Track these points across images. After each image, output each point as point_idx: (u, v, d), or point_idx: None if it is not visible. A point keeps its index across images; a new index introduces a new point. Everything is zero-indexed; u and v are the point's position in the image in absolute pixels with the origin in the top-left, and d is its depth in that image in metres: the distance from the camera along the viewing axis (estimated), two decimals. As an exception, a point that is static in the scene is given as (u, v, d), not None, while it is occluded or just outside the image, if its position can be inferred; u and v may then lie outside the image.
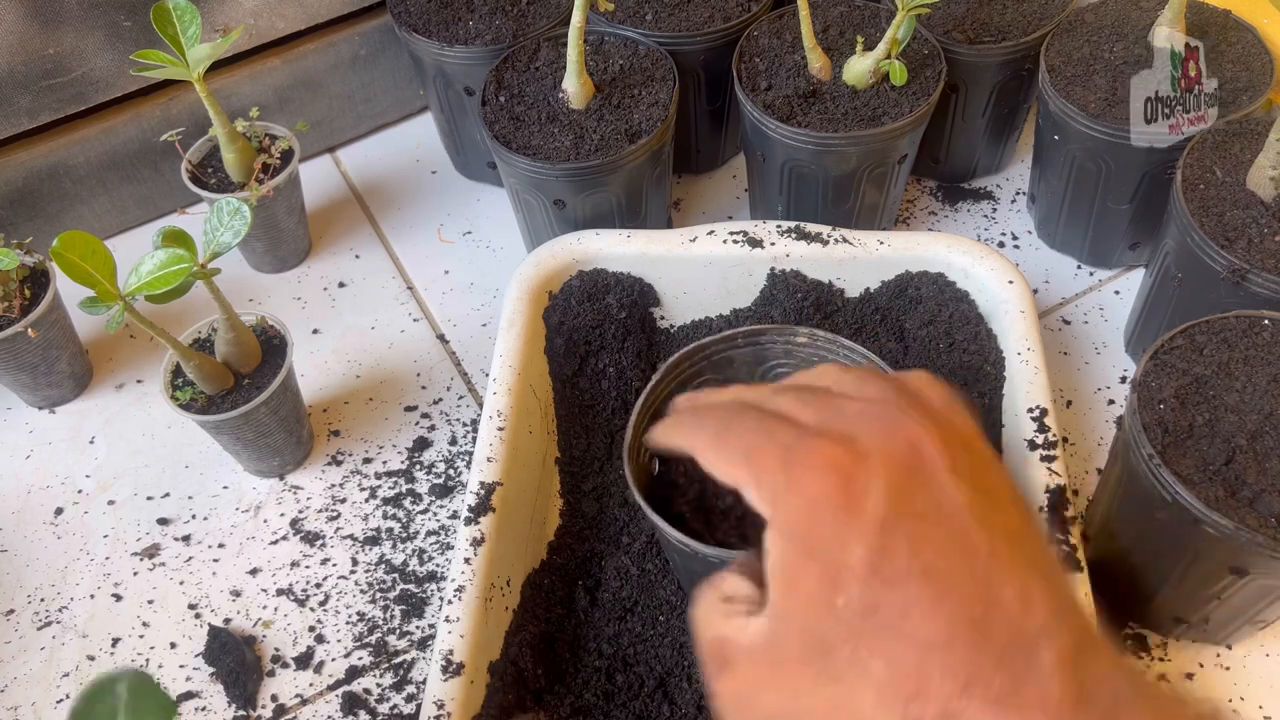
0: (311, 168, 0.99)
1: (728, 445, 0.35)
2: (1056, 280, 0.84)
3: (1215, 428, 0.55)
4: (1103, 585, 0.61)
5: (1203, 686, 0.62)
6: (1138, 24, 0.78)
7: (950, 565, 0.30)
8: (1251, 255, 0.63)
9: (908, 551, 0.30)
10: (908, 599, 0.30)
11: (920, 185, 0.92)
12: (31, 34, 0.79)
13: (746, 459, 0.34)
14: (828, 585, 0.31)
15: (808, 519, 0.31)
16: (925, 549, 0.31)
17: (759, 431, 0.34)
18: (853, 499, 0.31)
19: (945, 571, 0.30)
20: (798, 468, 0.32)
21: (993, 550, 0.31)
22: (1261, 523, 0.52)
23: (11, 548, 0.74)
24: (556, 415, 0.71)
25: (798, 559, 0.31)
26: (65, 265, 0.55)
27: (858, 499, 0.31)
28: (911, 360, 0.71)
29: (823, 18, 0.83)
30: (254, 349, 0.70)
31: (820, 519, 0.31)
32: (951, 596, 0.30)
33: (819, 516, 0.31)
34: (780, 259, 0.72)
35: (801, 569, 0.31)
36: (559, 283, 0.73)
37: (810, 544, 0.31)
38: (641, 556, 0.66)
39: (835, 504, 0.31)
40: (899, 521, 0.31)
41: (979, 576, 0.30)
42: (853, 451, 0.32)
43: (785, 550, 0.32)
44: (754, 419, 0.35)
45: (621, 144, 0.75)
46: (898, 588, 0.30)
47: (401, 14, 0.86)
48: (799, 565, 0.31)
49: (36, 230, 0.88)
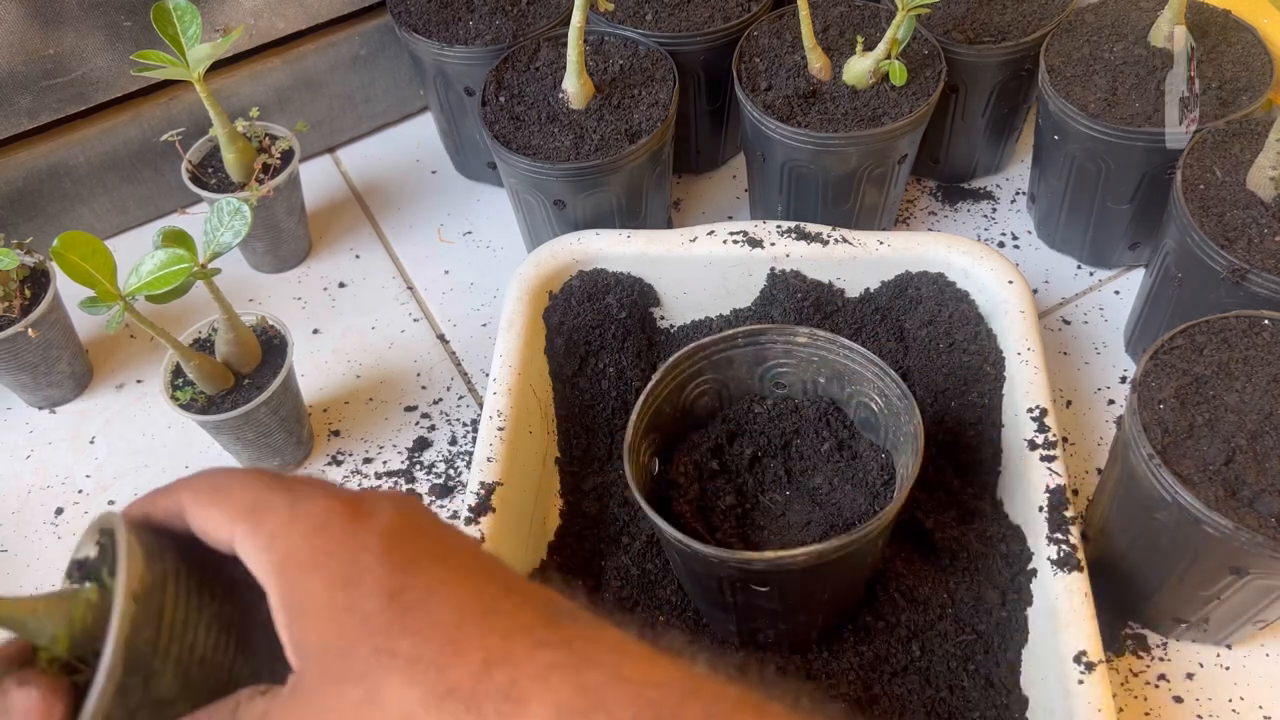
0: (311, 168, 0.99)
1: (228, 499, 0.32)
2: (1056, 280, 0.84)
3: (1215, 428, 0.55)
4: (1103, 585, 0.62)
5: (1203, 686, 0.62)
6: (1138, 24, 0.78)
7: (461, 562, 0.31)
8: (1251, 255, 0.63)
9: (418, 549, 0.31)
10: (430, 579, 0.30)
11: (920, 185, 0.92)
12: (31, 34, 0.79)
13: (249, 508, 0.32)
14: (341, 586, 0.30)
15: (314, 538, 0.31)
16: (436, 548, 0.31)
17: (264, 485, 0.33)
18: (361, 512, 0.31)
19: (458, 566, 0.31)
20: (303, 503, 0.32)
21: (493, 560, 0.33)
22: (1261, 523, 0.52)
23: (11, 548, 0.74)
24: (556, 415, 0.71)
25: (304, 575, 0.30)
26: (65, 265, 0.55)
27: (366, 513, 0.31)
28: (911, 360, 0.71)
29: (823, 18, 0.83)
30: (254, 349, 0.70)
31: (328, 533, 0.31)
32: (478, 576, 0.31)
33: (327, 532, 0.31)
34: (780, 259, 0.72)
35: (310, 583, 0.30)
36: (559, 283, 0.73)
37: (319, 557, 0.30)
38: (641, 556, 0.66)
39: (343, 517, 0.31)
40: (406, 530, 0.31)
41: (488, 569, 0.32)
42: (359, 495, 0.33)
43: (289, 577, 0.31)
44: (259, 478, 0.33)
45: (621, 144, 0.75)
46: (418, 573, 0.30)
47: (401, 14, 0.86)
48: (307, 582, 0.30)
49: (36, 230, 0.88)
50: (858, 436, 0.65)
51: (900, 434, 0.60)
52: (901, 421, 0.60)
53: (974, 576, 0.63)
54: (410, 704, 0.28)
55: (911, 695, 0.60)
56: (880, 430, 0.63)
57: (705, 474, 0.63)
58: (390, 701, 0.28)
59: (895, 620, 0.62)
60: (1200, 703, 0.62)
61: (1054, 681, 0.54)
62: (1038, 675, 0.57)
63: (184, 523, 0.34)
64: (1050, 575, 0.57)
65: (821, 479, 0.64)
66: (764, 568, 0.53)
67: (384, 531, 0.31)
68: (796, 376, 0.65)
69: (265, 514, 0.32)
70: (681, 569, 0.61)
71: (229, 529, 0.32)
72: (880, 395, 0.62)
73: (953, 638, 0.61)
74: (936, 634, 0.61)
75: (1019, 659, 0.59)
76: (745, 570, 0.54)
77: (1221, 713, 0.61)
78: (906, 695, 0.60)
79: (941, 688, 0.60)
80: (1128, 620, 0.65)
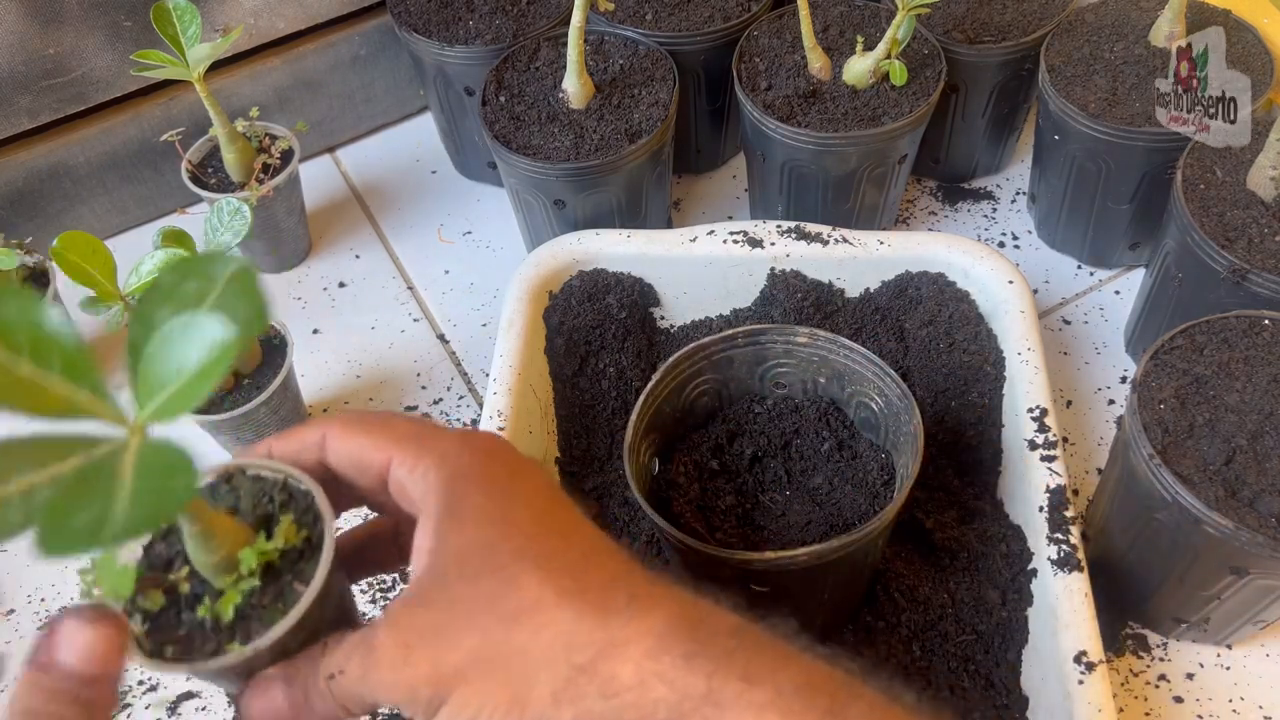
0: (311, 168, 0.99)
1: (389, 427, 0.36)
2: (1056, 280, 0.84)
3: (1215, 428, 0.55)
4: (1103, 585, 0.61)
5: (1203, 686, 0.62)
6: (1138, 24, 0.78)
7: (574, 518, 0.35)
8: (1251, 255, 0.63)
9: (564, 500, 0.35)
10: (571, 517, 0.34)
11: (920, 185, 0.92)
12: (31, 34, 0.79)
13: (414, 433, 0.35)
14: (500, 499, 0.33)
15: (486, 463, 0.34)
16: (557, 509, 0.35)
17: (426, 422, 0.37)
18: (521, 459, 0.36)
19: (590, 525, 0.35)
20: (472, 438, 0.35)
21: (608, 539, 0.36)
22: (1261, 523, 0.52)
23: (11, 547, 0.74)
24: (556, 415, 0.71)
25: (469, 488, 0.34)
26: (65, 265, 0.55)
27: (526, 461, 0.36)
28: (912, 360, 0.71)
29: (823, 18, 0.83)
30: (254, 349, 0.70)
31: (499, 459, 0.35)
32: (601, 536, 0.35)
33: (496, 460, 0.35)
34: (780, 259, 0.72)
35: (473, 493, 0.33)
36: (559, 283, 0.73)
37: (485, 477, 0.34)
38: (641, 556, 0.66)
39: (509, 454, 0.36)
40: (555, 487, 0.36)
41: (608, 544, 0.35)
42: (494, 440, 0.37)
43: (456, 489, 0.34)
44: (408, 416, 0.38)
45: (621, 144, 0.75)
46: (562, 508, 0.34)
47: (401, 14, 0.86)
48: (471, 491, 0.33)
49: (36, 230, 0.88)
50: (858, 436, 0.65)
51: (900, 434, 0.60)
52: (901, 421, 0.60)
53: (974, 576, 0.63)
54: (543, 595, 0.31)
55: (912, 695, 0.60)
56: (880, 430, 0.63)
57: (705, 474, 0.63)
58: (524, 588, 0.31)
59: (896, 620, 0.62)
60: (1200, 703, 0.62)
61: (1054, 681, 0.54)
62: (1038, 675, 0.57)
63: (316, 455, 0.36)
64: (1050, 575, 0.57)
65: (821, 479, 0.64)
66: (764, 568, 0.53)
67: (541, 478, 0.35)
68: (796, 376, 0.65)
69: (435, 439, 0.35)
70: (681, 569, 0.61)
71: (388, 451, 0.35)
72: (880, 395, 0.62)
73: (953, 638, 0.61)
74: (937, 634, 0.61)
75: (1019, 659, 0.59)
76: (745, 570, 0.54)
77: (1221, 713, 0.61)
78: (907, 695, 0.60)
79: (942, 688, 0.60)
80: (1128, 620, 0.65)
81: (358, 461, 0.36)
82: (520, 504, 0.33)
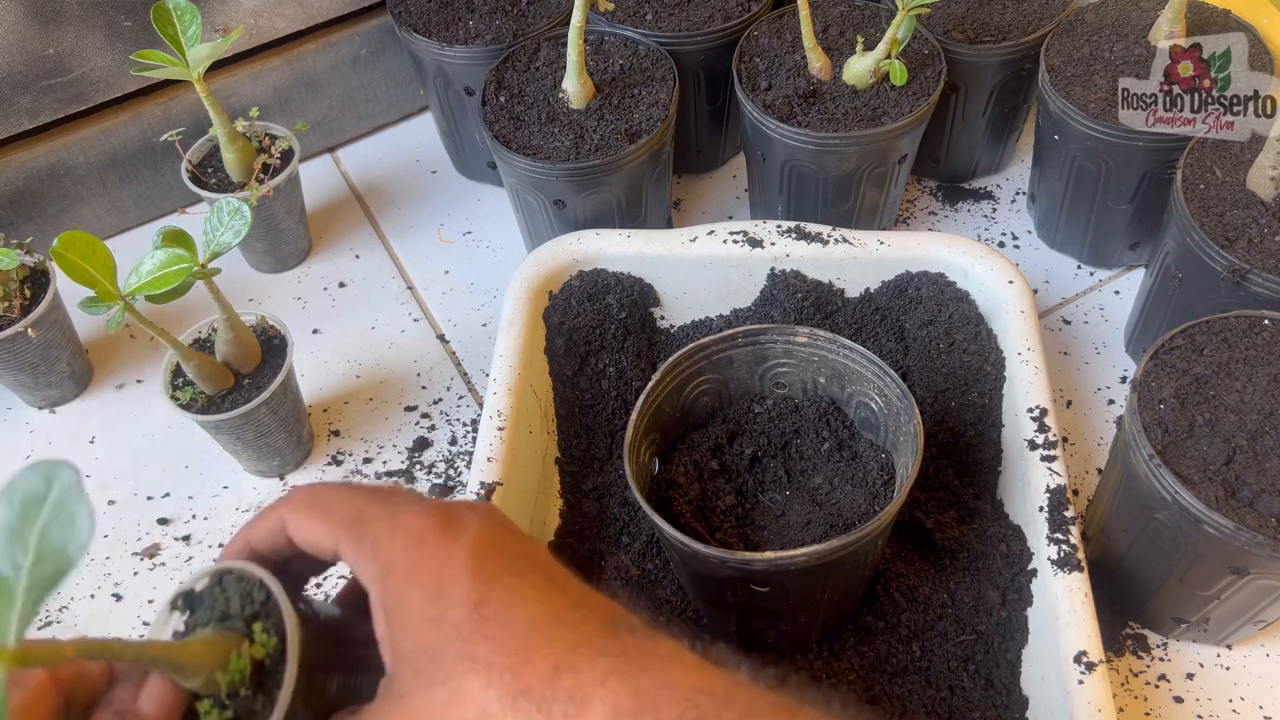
0: (311, 168, 0.99)
1: (331, 512, 0.36)
2: (1056, 280, 0.84)
3: (1215, 428, 0.55)
4: (1103, 585, 0.62)
5: (1203, 686, 0.62)
6: (1138, 24, 0.78)
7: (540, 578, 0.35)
8: (1251, 255, 0.63)
9: (501, 565, 0.35)
10: (509, 592, 0.34)
11: (920, 185, 0.92)
12: (31, 34, 0.79)
13: (352, 520, 0.36)
14: (432, 597, 0.33)
15: (412, 552, 0.34)
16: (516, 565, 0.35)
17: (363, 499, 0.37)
18: (452, 527, 0.35)
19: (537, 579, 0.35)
20: (403, 517, 0.35)
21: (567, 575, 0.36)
22: (1261, 523, 0.52)
23: (11, 548, 0.74)
24: (556, 415, 0.71)
25: (401, 586, 0.34)
26: (65, 265, 0.55)
27: (457, 528, 0.35)
28: (912, 360, 0.71)
29: (823, 18, 0.83)
30: (254, 349, 0.70)
31: (423, 548, 0.34)
32: (550, 590, 0.35)
33: (423, 547, 0.34)
34: (780, 259, 0.72)
35: (407, 592, 0.34)
36: (559, 283, 0.73)
37: (415, 569, 0.34)
38: (641, 556, 0.66)
39: (437, 531, 0.35)
40: (491, 548, 0.35)
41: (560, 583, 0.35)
42: (449, 508, 0.36)
43: (389, 584, 0.34)
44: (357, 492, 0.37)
45: (621, 144, 0.75)
46: (499, 586, 0.34)
47: (401, 14, 0.86)
48: (403, 591, 0.34)
49: (36, 230, 0.88)
50: (858, 436, 0.65)
51: (900, 434, 0.60)
52: (901, 421, 0.60)
53: (974, 576, 0.63)
54: (488, 703, 0.32)
55: (912, 695, 0.60)
56: (880, 430, 0.63)
57: (705, 474, 0.63)
58: (470, 700, 0.32)
59: (896, 620, 0.62)
60: (1200, 703, 0.62)
61: (1054, 681, 0.54)
62: (1038, 675, 0.57)
63: (284, 539, 0.37)
64: (1050, 575, 0.57)
65: (821, 479, 0.64)
66: (764, 568, 0.53)
67: (471, 545, 0.35)
68: (796, 376, 0.65)
69: (367, 526, 0.35)
70: (681, 569, 0.61)
71: (333, 539, 0.36)
72: (880, 395, 0.62)
73: (953, 638, 0.61)
74: (937, 634, 0.61)
75: (1019, 659, 0.59)
76: (745, 570, 0.54)
77: (1221, 713, 0.61)
78: (907, 695, 0.60)
79: (942, 688, 0.60)
80: (1128, 620, 0.65)
81: (313, 546, 0.37)
82: (454, 598, 0.33)
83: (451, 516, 0.36)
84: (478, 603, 0.33)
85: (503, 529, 0.37)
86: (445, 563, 0.34)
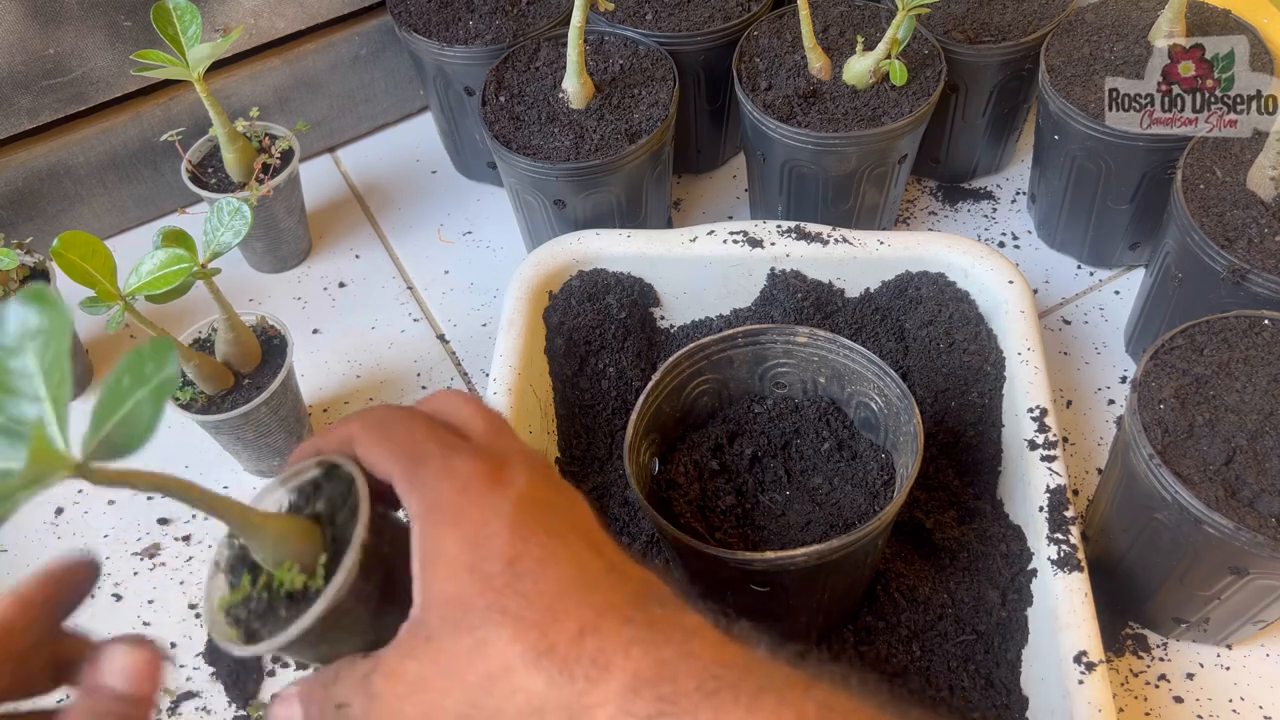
0: (311, 168, 0.99)
1: (393, 440, 0.37)
2: (1056, 280, 0.84)
3: (1215, 428, 0.55)
4: (1103, 585, 0.62)
5: (1203, 686, 0.62)
6: (1138, 24, 0.78)
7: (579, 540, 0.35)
8: (1251, 255, 0.63)
9: (543, 524, 0.35)
10: (546, 551, 0.34)
11: (920, 185, 0.92)
12: (31, 34, 0.79)
13: (409, 453, 0.36)
14: (470, 545, 0.34)
15: (459, 496, 0.35)
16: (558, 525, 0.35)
17: (424, 433, 0.37)
18: (501, 479, 0.35)
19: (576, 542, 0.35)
20: (456, 460, 0.36)
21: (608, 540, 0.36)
22: (1261, 523, 0.52)
23: (12, 548, 0.74)
24: (556, 415, 0.71)
25: (443, 529, 0.34)
26: (65, 265, 0.55)
27: (504, 480, 0.35)
28: (912, 360, 0.71)
29: (823, 18, 0.83)
30: (254, 349, 0.70)
31: (469, 493, 0.35)
32: (585, 553, 0.35)
33: (469, 492, 0.35)
34: (780, 259, 0.72)
35: (446, 537, 0.34)
36: (559, 283, 0.73)
37: (458, 515, 0.34)
38: (641, 556, 0.66)
39: (485, 481, 0.35)
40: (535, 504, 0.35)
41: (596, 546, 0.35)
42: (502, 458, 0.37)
43: (431, 524, 0.35)
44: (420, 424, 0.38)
45: (621, 144, 0.75)
46: (535, 542, 0.34)
47: (401, 14, 0.86)
48: (443, 535, 0.34)
49: (36, 230, 0.88)
50: (858, 436, 0.65)
51: (900, 434, 0.60)
52: (901, 421, 0.60)
53: (974, 576, 0.63)
54: (512, 657, 0.32)
55: (912, 695, 0.60)
56: (880, 430, 0.63)
57: (705, 474, 0.63)
58: (495, 653, 0.32)
59: (895, 620, 0.62)
60: (1200, 703, 0.62)
61: (1054, 681, 0.54)
62: (1038, 675, 0.57)
63: (351, 455, 0.38)
64: (1050, 575, 0.57)
65: (821, 479, 0.64)
66: (764, 568, 0.53)
67: (516, 499, 0.35)
68: (796, 376, 0.65)
69: (422, 462, 0.36)
70: (681, 569, 0.61)
71: (388, 467, 0.36)
72: (880, 395, 0.62)
73: (953, 638, 0.61)
74: (937, 634, 0.61)
75: (1019, 659, 0.59)
76: (745, 570, 0.54)
77: (1221, 713, 0.61)
78: (907, 695, 0.60)
79: (942, 688, 0.60)
80: (1128, 620, 0.65)
81: (373, 468, 0.37)
82: (491, 550, 0.33)
83: (502, 467, 0.36)
84: (513, 558, 0.33)
85: (550, 485, 0.37)
86: (488, 512, 0.34)
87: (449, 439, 0.37)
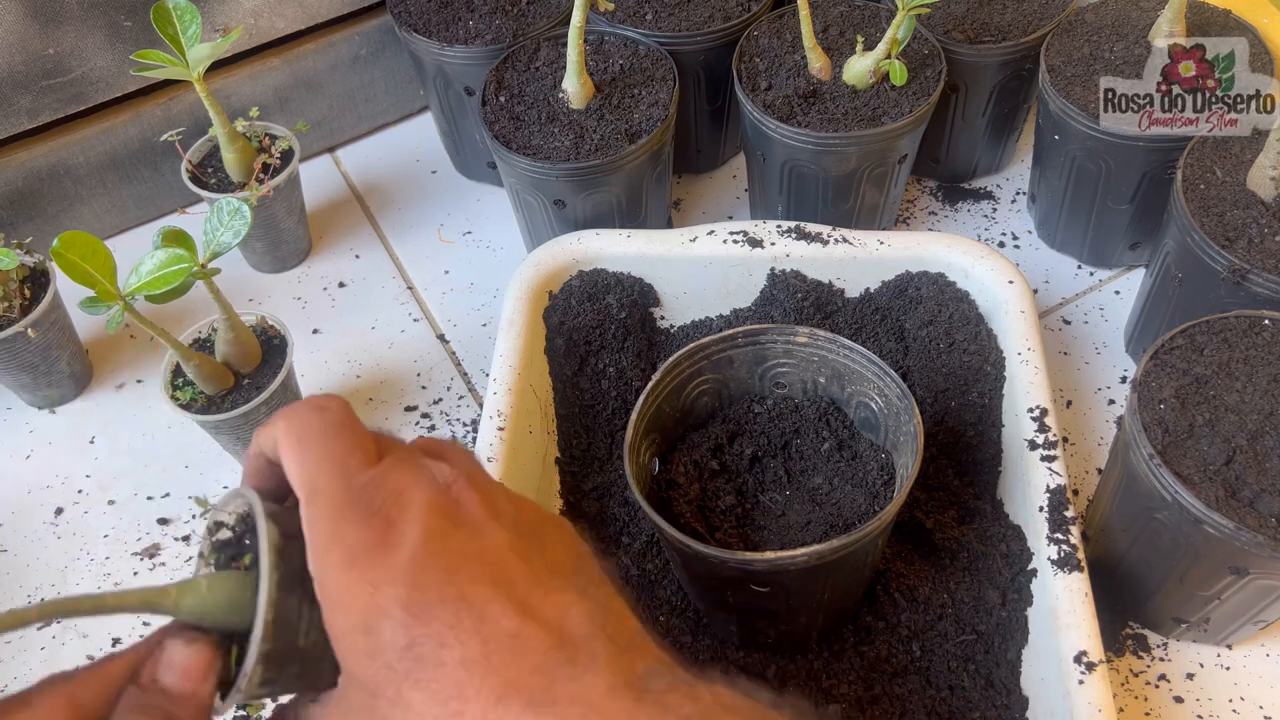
0: (311, 168, 0.99)
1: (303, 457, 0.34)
2: (1056, 280, 0.84)
3: (1215, 428, 0.55)
4: (1103, 585, 0.62)
5: (1203, 686, 0.62)
6: (1138, 24, 0.78)
7: (486, 592, 0.32)
8: (1251, 255, 0.63)
9: (441, 583, 0.32)
10: (444, 626, 0.31)
11: (920, 185, 0.92)
12: (31, 34, 0.79)
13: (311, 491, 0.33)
14: (364, 632, 0.31)
15: (345, 573, 0.32)
16: (459, 579, 0.32)
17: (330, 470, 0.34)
18: (387, 541, 0.32)
19: (481, 597, 0.32)
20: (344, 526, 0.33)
21: (531, 576, 0.33)
22: (1261, 523, 0.52)
23: (11, 548, 0.74)
24: (556, 415, 0.71)
25: (336, 613, 0.32)
26: (65, 265, 0.55)
27: (392, 541, 0.32)
28: (912, 360, 0.71)
29: (823, 18, 0.83)
30: (254, 349, 0.70)
31: (355, 568, 0.32)
32: (487, 619, 0.32)
33: (354, 567, 0.32)
34: (780, 259, 0.72)
35: (340, 620, 0.32)
36: (559, 283, 0.73)
37: (344, 597, 0.32)
38: (641, 556, 0.66)
39: (370, 549, 0.32)
40: (433, 559, 0.32)
41: (516, 598, 0.32)
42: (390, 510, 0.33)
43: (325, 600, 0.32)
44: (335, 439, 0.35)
45: (621, 144, 0.75)
46: (433, 619, 0.31)
47: (401, 14, 0.86)
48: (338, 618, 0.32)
49: (36, 230, 0.88)
50: (858, 436, 0.65)
51: (900, 434, 0.60)
52: (901, 421, 0.60)
53: (974, 576, 0.63)
54: None
55: (912, 695, 0.60)
56: (880, 430, 0.63)
57: (705, 474, 0.63)
58: None
59: (896, 620, 0.62)
60: (1200, 703, 0.62)
61: (1054, 681, 0.54)
62: (1038, 675, 0.57)
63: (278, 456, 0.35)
64: (1050, 575, 0.57)
65: (821, 479, 0.64)
66: (764, 568, 0.53)
67: (408, 566, 0.32)
68: (796, 376, 0.65)
69: (319, 509, 0.33)
70: (681, 569, 0.61)
71: (295, 488, 0.34)
72: (880, 395, 0.62)
73: (953, 638, 0.61)
74: (937, 634, 0.61)
75: (1019, 659, 0.59)
76: (745, 570, 0.54)
77: (1221, 713, 0.61)
78: (907, 695, 0.60)
79: (942, 688, 0.60)
80: (1128, 620, 0.65)
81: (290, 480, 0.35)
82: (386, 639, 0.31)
83: (390, 523, 0.33)
84: (408, 645, 0.31)
85: (451, 522, 0.33)
86: (375, 591, 0.31)
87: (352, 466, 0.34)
